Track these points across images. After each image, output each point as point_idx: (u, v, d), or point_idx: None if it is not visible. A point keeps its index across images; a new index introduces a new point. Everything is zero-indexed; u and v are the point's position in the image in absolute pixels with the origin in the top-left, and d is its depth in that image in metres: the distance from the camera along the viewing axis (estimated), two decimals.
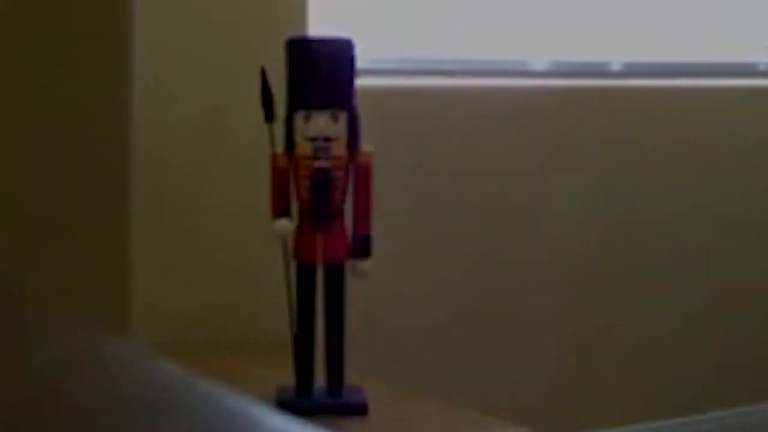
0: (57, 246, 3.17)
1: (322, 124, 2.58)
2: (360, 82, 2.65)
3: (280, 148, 2.62)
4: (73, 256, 3.18)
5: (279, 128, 2.62)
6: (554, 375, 4.05)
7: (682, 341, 4.31)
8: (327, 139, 2.59)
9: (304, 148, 2.59)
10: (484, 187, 3.90)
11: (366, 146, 2.62)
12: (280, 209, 2.63)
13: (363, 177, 2.62)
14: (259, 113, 2.65)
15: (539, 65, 4.07)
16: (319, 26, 3.51)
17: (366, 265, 2.64)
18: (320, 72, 2.59)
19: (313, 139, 2.59)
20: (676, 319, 4.31)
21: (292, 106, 2.59)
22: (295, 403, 2.58)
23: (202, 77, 3.33)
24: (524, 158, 3.98)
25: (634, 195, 4.21)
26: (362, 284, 2.70)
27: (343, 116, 2.59)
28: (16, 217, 3.15)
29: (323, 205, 2.58)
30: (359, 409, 2.61)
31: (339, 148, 2.59)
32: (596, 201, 4.13)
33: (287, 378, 2.65)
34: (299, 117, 2.59)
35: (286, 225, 2.62)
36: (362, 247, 2.62)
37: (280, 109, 2.62)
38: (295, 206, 2.63)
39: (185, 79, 3.31)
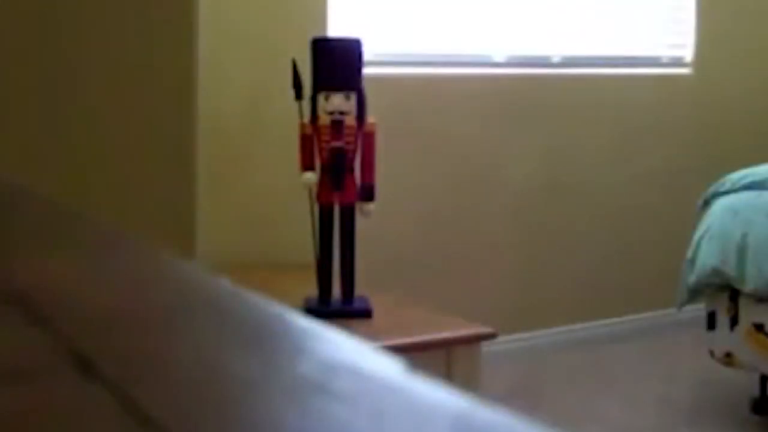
0: (141, 192, 3.16)
1: (338, 101, 2.57)
2: (367, 70, 2.63)
3: (306, 120, 2.61)
4: (153, 200, 3.18)
5: (306, 105, 2.61)
6: (511, 285, 4.06)
7: (603, 258, 4.33)
8: (342, 113, 2.58)
9: (324, 119, 2.59)
10: (459, 146, 3.90)
11: (371, 118, 2.61)
12: (307, 165, 2.62)
13: (368, 141, 2.62)
14: (291, 93, 2.64)
15: (499, 58, 4.05)
16: (337, 28, 3.50)
17: (370, 206, 2.64)
18: (336, 63, 2.58)
19: (331, 113, 2.58)
20: (597, 241, 4.32)
21: (316, 88, 2.58)
22: (317, 309, 2.58)
23: (250, 66, 3.32)
24: (488, 126, 3.98)
25: (567, 153, 4.21)
26: (368, 220, 2.70)
27: (353, 96, 2.58)
28: (107, 175, 3.14)
29: (338, 174, 2.59)
30: (366, 314, 2.61)
31: (351, 120, 2.59)
32: (539, 156, 4.13)
33: (312, 291, 2.65)
34: (321, 96, 2.58)
35: (311, 176, 2.62)
36: (368, 194, 2.62)
37: (307, 90, 2.61)
38: (317, 163, 2.62)
39: (238, 67, 3.30)
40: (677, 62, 4.56)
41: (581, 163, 4.24)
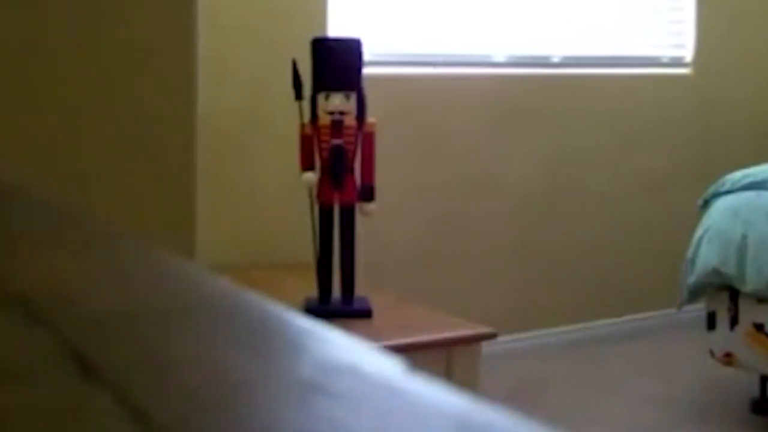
0: (140, 192, 3.16)
1: (338, 101, 2.57)
2: (366, 70, 2.63)
3: (306, 120, 2.61)
4: (152, 200, 3.18)
5: (306, 105, 2.61)
6: (511, 285, 4.06)
7: (603, 258, 4.33)
8: (341, 113, 2.58)
9: (324, 119, 2.59)
10: (459, 146, 3.90)
11: (370, 118, 2.61)
12: (307, 165, 2.62)
13: (368, 142, 2.62)
14: (291, 93, 2.64)
15: (499, 58, 4.05)
16: (337, 28, 3.50)
17: (370, 206, 2.64)
18: (336, 63, 2.58)
19: (331, 113, 2.58)
20: (597, 240, 4.32)
21: (316, 89, 2.58)
22: (317, 309, 2.58)
23: (250, 66, 3.32)
24: (488, 125, 3.98)
25: (567, 153, 4.21)
26: (368, 220, 2.70)
27: (353, 96, 2.58)
28: (106, 175, 3.14)
29: (338, 172, 2.59)
30: (366, 314, 2.61)
31: (350, 120, 2.59)
32: (540, 156, 4.13)
33: (311, 290, 2.65)
34: (321, 96, 2.58)
35: (311, 176, 2.62)
36: (368, 194, 2.62)
37: (307, 91, 2.61)
38: (317, 163, 2.62)
39: (238, 67, 3.30)
40: (677, 62, 4.56)
41: (581, 162, 4.24)
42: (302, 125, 2.61)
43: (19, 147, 3.00)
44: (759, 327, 3.37)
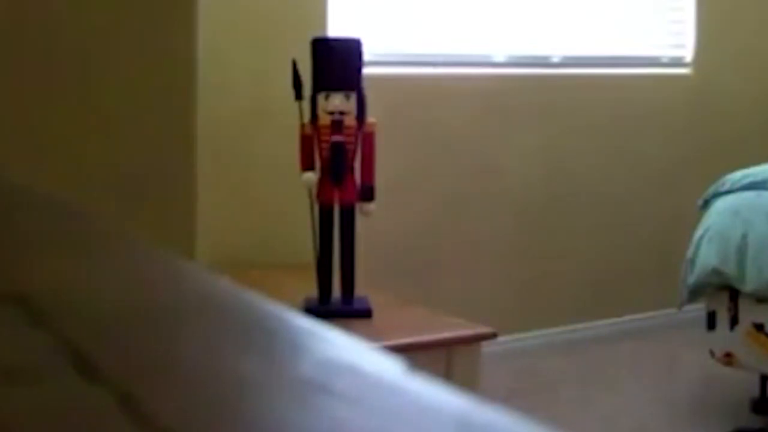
0: (141, 192, 3.16)
1: (338, 101, 2.57)
2: (366, 70, 2.63)
3: (306, 120, 2.61)
4: (152, 200, 3.18)
5: (306, 105, 2.61)
6: (511, 285, 4.06)
7: (603, 258, 4.32)
8: (341, 113, 2.58)
9: (324, 119, 2.59)
10: (459, 146, 3.90)
11: (370, 118, 2.61)
12: (307, 165, 2.62)
13: (368, 141, 2.62)
14: (291, 93, 2.64)
15: (499, 58, 4.05)
16: (337, 28, 3.51)
17: (370, 206, 2.64)
18: (336, 63, 2.58)
19: (331, 113, 2.58)
20: (597, 240, 4.31)
21: (316, 89, 2.58)
22: (317, 309, 2.58)
23: (250, 66, 3.32)
24: (488, 126, 3.98)
25: (567, 153, 4.21)
26: (368, 220, 2.70)
27: (353, 96, 2.58)
28: (106, 175, 3.14)
29: (339, 168, 2.59)
30: (366, 314, 2.61)
31: (350, 120, 2.59)
32: (539, 156, 4.13)
33: (311, 290, 2.65)
34: (321, 96, 2.58)
35: (311, 177, 2.62)
36: (368, 194, 2.62)
37: (307, 90, 2.61)
38: (317, 163, 2.62)
39: (237, 67, 3.30)
40: (677, 62, 4.56)
41: (581, 162, 4.24)
42: (302, 125, 2.61)
43: (19, 147, 3.00)
44: (759, 327, 3.37)
